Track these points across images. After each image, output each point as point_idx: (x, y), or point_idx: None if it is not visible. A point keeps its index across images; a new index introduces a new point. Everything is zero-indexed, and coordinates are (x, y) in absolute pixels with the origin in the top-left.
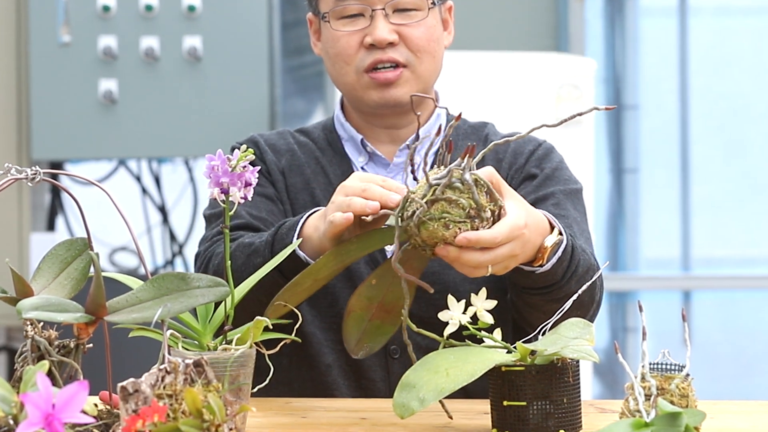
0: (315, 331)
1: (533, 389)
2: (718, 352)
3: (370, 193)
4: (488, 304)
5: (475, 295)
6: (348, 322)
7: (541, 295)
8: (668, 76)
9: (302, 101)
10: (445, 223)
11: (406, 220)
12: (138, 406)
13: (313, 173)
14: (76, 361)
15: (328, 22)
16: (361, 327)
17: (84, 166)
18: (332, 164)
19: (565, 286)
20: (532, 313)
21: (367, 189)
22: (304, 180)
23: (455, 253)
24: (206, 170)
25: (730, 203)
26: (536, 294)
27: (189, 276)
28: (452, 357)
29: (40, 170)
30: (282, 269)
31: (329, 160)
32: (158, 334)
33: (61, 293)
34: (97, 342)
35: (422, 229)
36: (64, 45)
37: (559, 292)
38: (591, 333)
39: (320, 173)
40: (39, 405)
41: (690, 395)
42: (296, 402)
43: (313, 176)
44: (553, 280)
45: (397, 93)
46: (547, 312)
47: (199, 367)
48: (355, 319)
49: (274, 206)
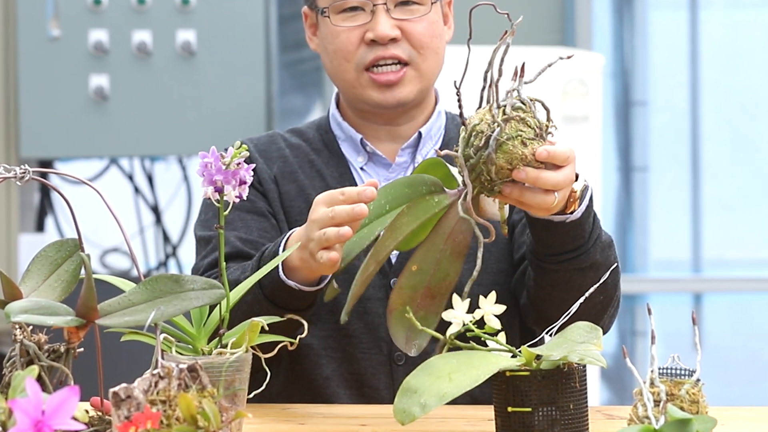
0: (312, 342)
1: (539, 395)
2: (730, 357)
3: (338, 218)
4: (497, 309)
5: (483, 298)
6: (392, 321)
7: (569, 260)
8: (678, 71)
9: (300, 97)
10: (522, 140)
11: (480, 151)
12: (130, 412)
13: (308, 178)
14: (67, 366)
15: (327, 17)
16: (406, 323)
17: (74, 164)
18: (329, 166)
19: (591, 250)
20: (552, 299)
21: (334, 215)
22: (299, 186)
23: (534, 174)
24: (199, 168)
25: (742, 202)
26: (564, 260)
27: (183, 278)
28: (455, 361)
29: (29, 169)
30: (276, 301)
31: (325, 162)
32: (151, 338)
33: (51, 296)
34: (88, 346)
35: (500, 153)
36: (53, 39)
37: (586, 258)
38: (598, 337)
39: (316, 177)
40: (28, 411)
41: (700, 401)
42: (294, 408)
43: (309, 181)
44: (581, 238)
45: (399, 94)
46: (570, 292)
47: (193, 372)
48: (398, 316)
49: (266, 222)
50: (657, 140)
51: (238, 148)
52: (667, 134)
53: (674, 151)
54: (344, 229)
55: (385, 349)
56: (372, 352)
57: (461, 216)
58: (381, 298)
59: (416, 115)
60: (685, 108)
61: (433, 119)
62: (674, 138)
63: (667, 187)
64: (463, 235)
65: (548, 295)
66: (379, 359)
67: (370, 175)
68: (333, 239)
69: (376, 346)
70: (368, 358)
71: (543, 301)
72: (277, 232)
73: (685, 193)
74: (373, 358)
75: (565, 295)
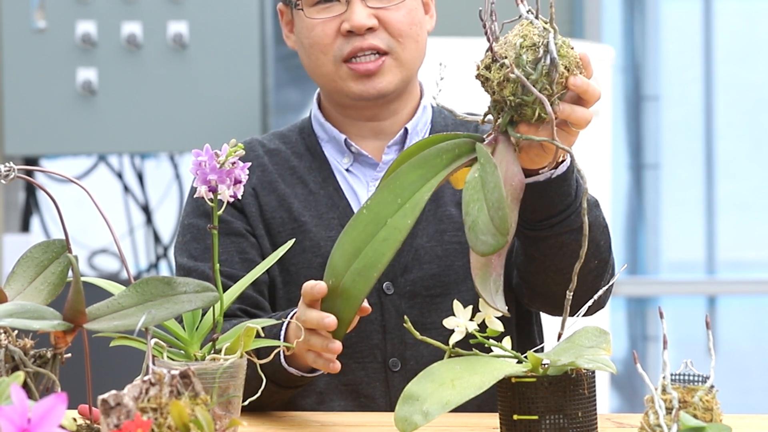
0: None
1: (546, 402)
2: (746, 362)
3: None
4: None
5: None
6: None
7: (560, 223)
8: (692, 64)
9: (296, 91)
10: (568, 44)
11: (539, 62)
12: (120, 420)
13: (289, 186)
14: (54, 372)
15: (301, 10)
16: (489, 284)
17: (61, 162)
18: (311, 171)
19: (579, 209)
20: (546, 270)
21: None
22: (279, 197)
23: (583, 80)
24: (193, 167)
25: (758, 201)
26: (555, 224)
27: (174, 280)
28: (458, 367)
29: (13, 166)
30: (277, 381)
31: (307, 166)
32: (142, 342)
33: (37, 299)
34: (76, 351)
35: (561, 53)
36: (39, 31)
37: (576, 218)
38: (608, 341)
39: (298, 184)
40: (13, 419)
41: (714, 408)
42: (291, 416)
43: (290, 189)
44: (569, 196)
45: (379, 84)
46: (564, 259)
47: (185, 379)
48: (482, 279)
49: (244, 242)
50: (669, 136)
51: (233, 147)
52: (680, 130)
53: (687, 148)
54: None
55: (379, 357)
56: (366, 360)
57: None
58: (373, 304)
59: (399, 109)
60: (698, 103)
61: (419, 114)
62: (687, 134)
63: (680, 185)
64: (518, 177)
65: (542, 267)
66: (373, 367)
67: (357, 177)
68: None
69: (370, 354)
70: (363, 367)
71: (537, 274)
72: (257, 250)
73: (698, 191)
74: (368, 366)
75: (560, 264)
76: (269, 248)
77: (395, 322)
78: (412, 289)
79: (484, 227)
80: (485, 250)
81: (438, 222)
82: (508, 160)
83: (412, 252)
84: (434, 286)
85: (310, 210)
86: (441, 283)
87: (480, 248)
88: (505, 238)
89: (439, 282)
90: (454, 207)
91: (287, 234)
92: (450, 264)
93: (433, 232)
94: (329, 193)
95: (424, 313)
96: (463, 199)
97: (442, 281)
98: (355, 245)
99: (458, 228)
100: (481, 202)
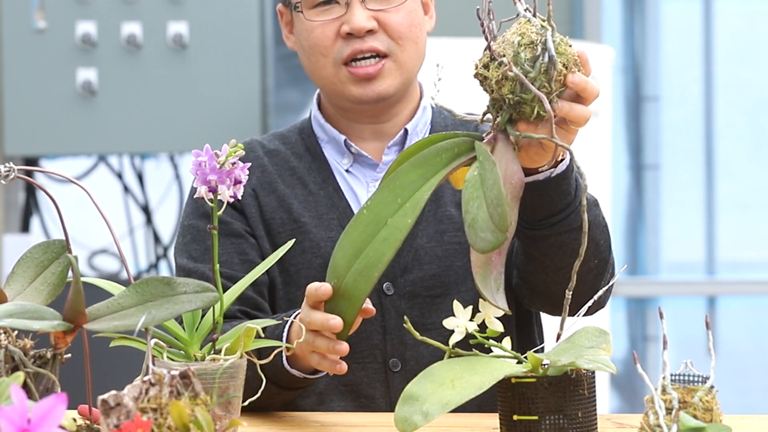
0: None
1: (545, 402)
2: (745, 363)
3: (318, 348)
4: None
5: (483, 301)
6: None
7: (560, 222)
8: (692, 64)
9: (296, 92)
10: (566, 41)
11: (537, 60)
12: (120, 420)
13: (288, 187)
14: (54, 372)
15: (300, 12)
16: (490, 283)
17: (61, 162)
18: (311, 172)
19: (578, 208)
20: (546, 269)
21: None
22: (278, 197)
23: (581, 77)
24: (193, 167)
25: (758, 201)
26: (555, 223)
27: (174, 281)
28: (458, 367)
29: (13, 167)
30: (278, 383)
31: (307, 167)
32: (142, 343)
33: (37, 299)
34: (76, 352)
35: (559, 51)
36: (39, 31)
37: (576, 218)
38: (608, 342)
39: (297, 185)
40: (13, 420)
41: (714, 409)
42: (291, 416)
43: (290, 190)
44: (568, 195)
45: (379, 87)
46: (564, 258)
47: (185, 379)
48: (482, 277)
49: (244, 243)
50: (669, 137)
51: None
52: (680, 131)
53: (687, 148)
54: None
55: (379, 357)
56: (366, 360)
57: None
58: (374, 304)
59: (400, 110)
60: (698, 103)
61: (419, 115)
62: (687, 134)
63: (680, 185)
64: (518, 175)
65: (542, 266)
66: (373, 367)
67: (357, 178)
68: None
69: (370, 354)
70: (363, 368)
71: (537, 274)
72: (257, 251)
73: (698, 192)
74: (368, 366)
75: (559, 263)
76: (269, 249)
77: (395, 323)
78: (412, 290)
79: (484, 224)
80: (485, 247)
81: (438, 222)
82: (507, 158)
83: (412, 252)
84: (434, 286)
85: (310, 211)
86: (441, 284)
87: (479, 245)
88: (504, 234)
89: (439, 282)
90: (454, 207)
91: (287, 235)
92: (450, 264)
93: (433, 232)
94: (329, 193)
95: (424, 313)
96: (463, 198)
97: (442, 282)
98: (356, 245)
99: (458, 228)
100: (481, 199)
